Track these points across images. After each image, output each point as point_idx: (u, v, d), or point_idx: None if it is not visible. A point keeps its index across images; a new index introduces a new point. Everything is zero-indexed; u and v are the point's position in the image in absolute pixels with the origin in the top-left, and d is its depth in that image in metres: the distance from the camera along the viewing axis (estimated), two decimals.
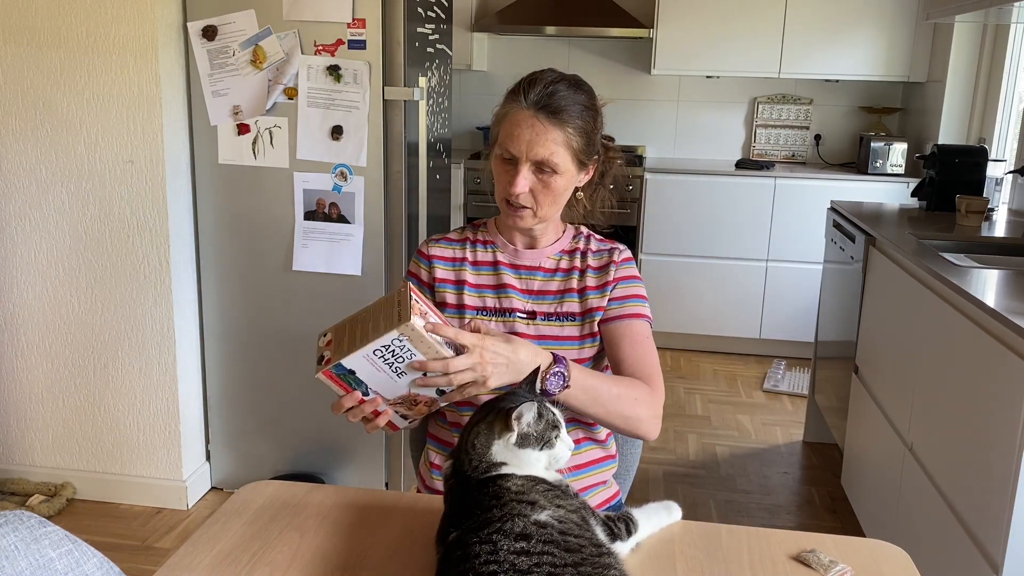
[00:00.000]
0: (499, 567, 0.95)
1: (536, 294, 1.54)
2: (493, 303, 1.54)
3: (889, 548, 1.21)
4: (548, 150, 1.42)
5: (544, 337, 1.51)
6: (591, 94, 1.49)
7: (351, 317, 1.26)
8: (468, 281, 1.55)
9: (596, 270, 1.55)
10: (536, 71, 1.48)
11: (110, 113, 2.64)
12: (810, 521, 2.91)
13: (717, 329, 4.54)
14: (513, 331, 1.51)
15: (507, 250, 1.57)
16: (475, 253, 1.58)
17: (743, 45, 4.40)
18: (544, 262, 1.56)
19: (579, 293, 1.53)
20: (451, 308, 1.54)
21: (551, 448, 1.10)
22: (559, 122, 1.42)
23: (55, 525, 1.01)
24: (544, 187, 1.45)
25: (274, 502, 1.30)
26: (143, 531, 2.73)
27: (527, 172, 1.43)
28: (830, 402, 3.23)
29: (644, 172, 4.41)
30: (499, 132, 1.46)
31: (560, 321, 1.52)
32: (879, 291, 2.69)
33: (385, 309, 1.21)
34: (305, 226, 2.73)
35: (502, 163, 1.46)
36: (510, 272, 1.55)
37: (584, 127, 1.45)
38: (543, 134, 1.41)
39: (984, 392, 1.85)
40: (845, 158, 4.79)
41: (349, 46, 2.59)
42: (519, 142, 1.42)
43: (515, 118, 1.43)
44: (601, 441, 1.60)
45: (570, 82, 1.46)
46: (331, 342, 1.25)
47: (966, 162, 3.13)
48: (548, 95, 1.42)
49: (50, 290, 2.78)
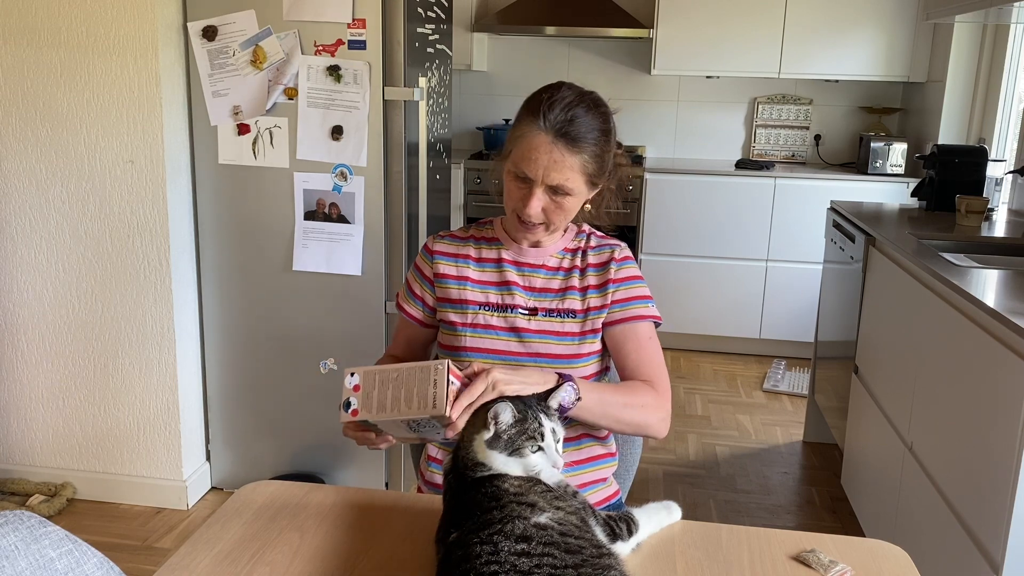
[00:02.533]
0: (500, 567, 0.95)
1: (539, 291, 1.56)
2: (496, 299, 1.55)
3: (889, 548, 1.22)
4: (564, 176, 1.43)
5: (544, 332, 1.52)
6: (607, 116, 1.49)
7: (382, 369, 1.28)
8: (471, 277, 1.57)
9: (596, 267, 1.56)
10: (553, 88, 1.46)
11: (110, 113, 2.64)
12: (810, 521, 2.91)
13: (717, 329, 4.54)
14: (514, 327, 1.52)
15: (511, 248, 1.58)
16: (480, 250, 1.59)
17: (743, 45, 4.40)
18: (548, 260, 1.57)
19: (581, 291, 1.55)
20: (454, 303, 1.56)
21: (520, 456, 1.09)
22: (577, 150, 1.42)
23: (55, 525, 1.01)
24: (557, 207, 1.47)
25: (274, 502, 1.30)
26: (143, 531, 2.73)
27: (541, 195, 1.45)
28: (830, 402, 3.23)
29: (644, 172, 4.41)
30: (514, 149, 1.46)
31: (561, 317, 1.53)
32: (879, 291, 2.69)
33: (420, 381, 1.24)
34: (305, 226, 2.73)
35: (515, 181, 1.47)
36: (513, 269, 1.57)
37: (599, 153, 1.46)
38: (560, 162, 1.42)
39: (984, 392, 1.85)
40: (845, 158, 4.79)
41: (349, 46, 2.59)
42: (536, 167, 1.42)
43: (533, 142, 1.42)
44: (601, 438, 1.60)
45: (588, 105, 1.45)
46: (358, 387, 1.28)
47: (966, 162, 3.13)
48: (568, 121, 1.41)
49: (50, 290, 2.78)
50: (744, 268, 4.45)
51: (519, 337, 1.53)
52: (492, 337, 1.54)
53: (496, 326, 1.54)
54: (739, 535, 1.24)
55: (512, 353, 1.52)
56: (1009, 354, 1.73)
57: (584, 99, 1.46)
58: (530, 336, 1.53)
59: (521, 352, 1.52)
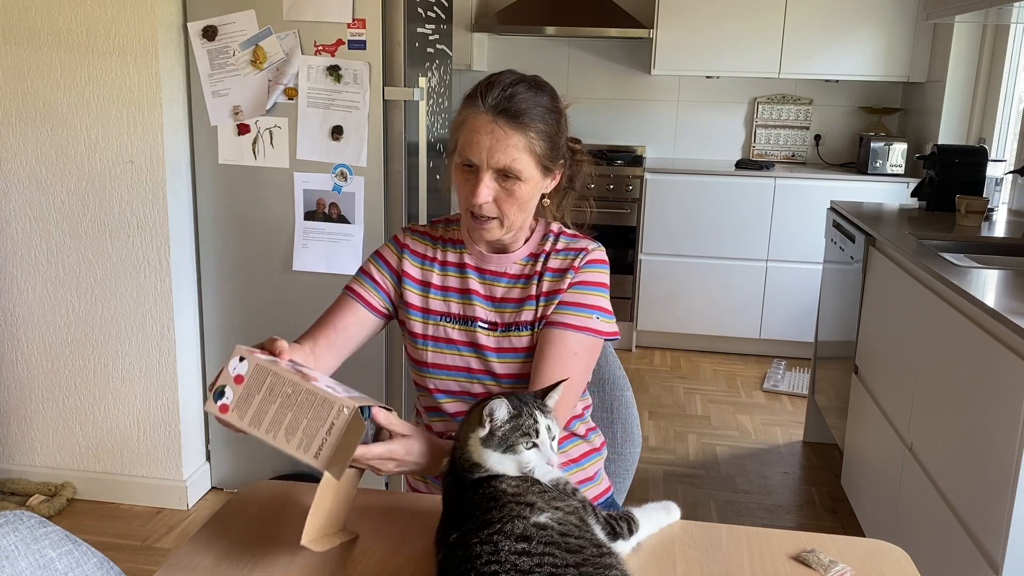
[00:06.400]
0: (500, 567, 0.95)
1: (498, 301, 1.47)
2: (458, 309, 1.47)
3: (889, 548, 1.22)
4: (510, 156, 1.34)
5: (503, 350, 1.44)
6: (554, 95, 1.41)
7: (279, 373, 1.11)
8: (434, 283, 1.49)
9: (554, 273, 1.46)
10: (494, 73, 1.39)
11: (110, 113, 2.64)
12: (810, 521, 2.91)
13: (717, 329, 4.54)
14: (475, 342, 1.45)
15: (474, 252, 1.49)
16: (445, 253, 1.50)
17: (743, 45, 4.41)
18: (509, 267, 1.48)
19: (535, 299, 1.45)
20: (416, 310, 1.48)
21: (514, 453, 1.09)
22: (520, 126, 1.34)
23: (55, 525, 1.01)
24: (508, 196, 1.37)
25: (274, 502, 1.30)
26: (143, 531, 2.73)
27: (489, 180, 1.36)
28: (830, 402, 3.23)
29: (644, 172, 4.41)
30: (458, 139, 1.38)
31: (518, 331, 1.44)
32: (879, 291, 2.69)
33: (315, 417, 1.07)
34: (305, 226, 2.73)
35: (463, 172, 1.39)
36: (475, 276, 1.48)
37: (547, 131, 1.37)
38: (504, 140, 1.34)
39: (984, 392, 1.85)
40: (845, 158, 4.79)
41: (349, 46, 2.59)
42: (479, 149, 1.34)
43: (473, 124, 1.35)
44: (582, 436, 1.55)
45: (530, 83, 1.38)
46: (241, 379, 1.11)
47: (966, 162, 3.13)
48: (507, 98, 1.34)
49: (50, 290, 2.78)
50: (744, 268, 4.45)
51: (478, 354, 1.45)
52: (453, 352, 1.46)
53: (457, 340, 1.46)
54: (739, 535, 1.24)
55: (472, 371, 1.45)
56: (1009, 354, 1.73)
57: (525, 79, 1.39)
58: (490, 355, 1.44)
59: (480, 370, 1.45)
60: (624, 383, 1.74)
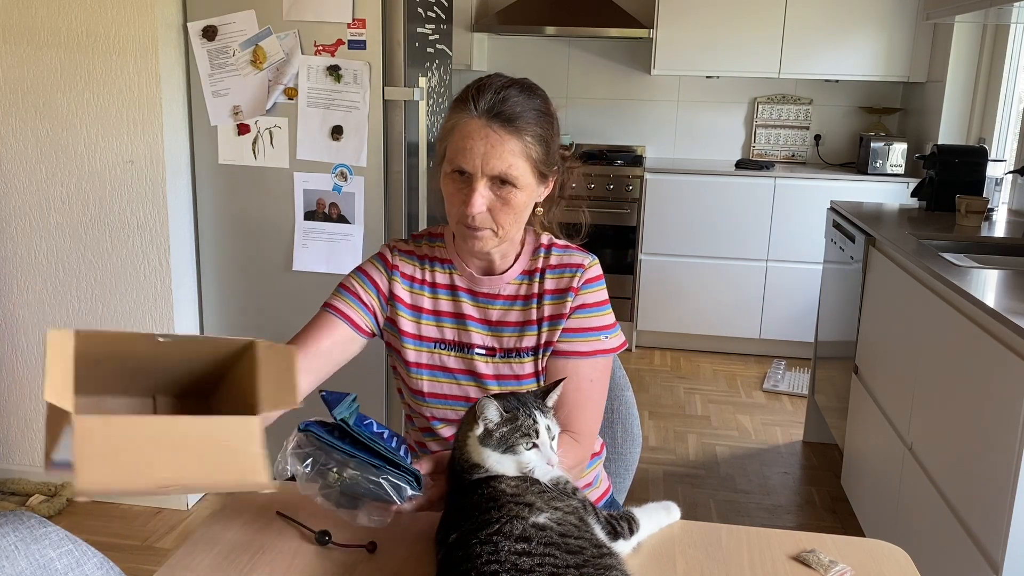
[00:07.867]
0: (500, 567, 0.95)
1: (495, 325, 1.40)
2: (452, 335, 1.40)
3: (889, 548, 1.22)
4: (506, 162, 1.27)
5: (503, 377, 1.39)
6: (545, 99, 1.35)
7: None
8: (426, 308, 1.41)
9: (553, 295, 1.39)
10: (482, 77, 1.33)
11: (110, 113, 2.64)
12: (810, 521, 2.91)
13: (717, 329, 4.54)
14: (473, 370, 1.39)
15: (464, 273, 1.41)
16: (433, 274, 1.42)
17: (743, 45, 4.40)
18: (503, 288, 1.40)
19: (538, 324, 1.39)
20: (410, 337, 1.41)
21: (514, 454, 1.09)
22: (515, 130, 1.27)
23: (55, 525, 1.01)
24: (504, 204, 1.29)
25: (274, 502, 1.29)
26: (143, 531, 2.73)
27: (484, 189, 1.28)
28: (830, 402, 3.23)
29: (644, 172, 4.41)
30: (448, 146, 1.30)
31: (519, 357, 1.38)
32: (879, 291, 2.69)
33: None
34: (305, 226, 2.73)
35: (454, 181, 1.30)
36: (468, 299, 1.41)
37: (542, 135, 1.30)
38: (499, 145, 1.26)
39: (984, 392, 1.85)
40: (845, 158, 4.79)
41: (349, 46, 2.59)
42: (472, 156, 1.26)
43: (465, 129, 1.27)
44: None
45: (522, 86, 1.32)
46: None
47: (966, 162, 3.13)
48: (500, 101, 1.27)
49: (50, 290, 2.78)
50: (744, 268, 4.45)
51: (477, 382, 1.39)
52: (450, 381, 1.40)
53: (454, 368, 1.39)
54: (739, 535, 1.24)
55: (471, 400, 1.35)
56: (1009, 354, 1.73)
57: (516, 82, 1.32)
58: (489, 383, 1.38)
59: (478, 399, 1.42)
60: (624, 383, 1.74)
